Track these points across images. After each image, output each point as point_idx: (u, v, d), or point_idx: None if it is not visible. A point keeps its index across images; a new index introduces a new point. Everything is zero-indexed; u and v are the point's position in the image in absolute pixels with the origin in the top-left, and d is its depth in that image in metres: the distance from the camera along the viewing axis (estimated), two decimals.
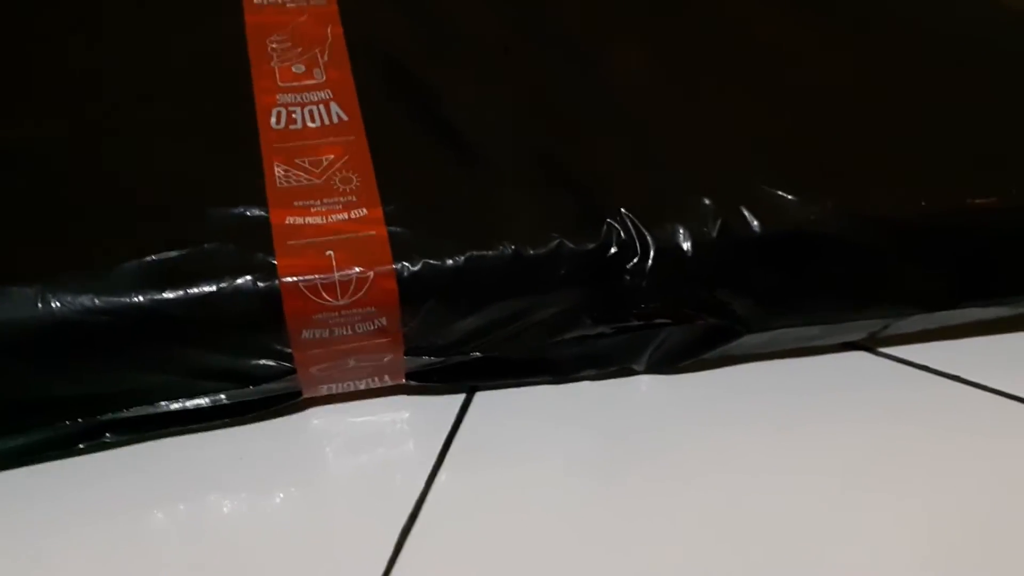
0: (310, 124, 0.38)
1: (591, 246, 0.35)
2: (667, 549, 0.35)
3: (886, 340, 0.42)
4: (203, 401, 0.36)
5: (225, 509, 0.36)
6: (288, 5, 0.43)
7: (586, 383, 0.41)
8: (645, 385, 0.41)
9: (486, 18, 0.43)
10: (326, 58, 0.41)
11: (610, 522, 0.36)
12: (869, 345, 0.42)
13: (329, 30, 0.43)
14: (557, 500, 0.37)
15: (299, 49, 0.41)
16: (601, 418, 0.40)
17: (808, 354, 0.42)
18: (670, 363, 0.40)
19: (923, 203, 0.37)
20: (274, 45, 0.41)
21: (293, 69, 0.40)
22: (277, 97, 0.39)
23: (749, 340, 0.39)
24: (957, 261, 0.38)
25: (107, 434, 0.36)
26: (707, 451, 0.39)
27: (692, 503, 0.37)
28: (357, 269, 0.34)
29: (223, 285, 0.33)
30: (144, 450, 0.37)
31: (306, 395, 0.38)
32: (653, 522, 0.36)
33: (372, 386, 0.38)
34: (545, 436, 0.39)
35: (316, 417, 0.39)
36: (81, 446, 0.36)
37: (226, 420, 0.38)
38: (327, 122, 0.38)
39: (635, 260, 0.35)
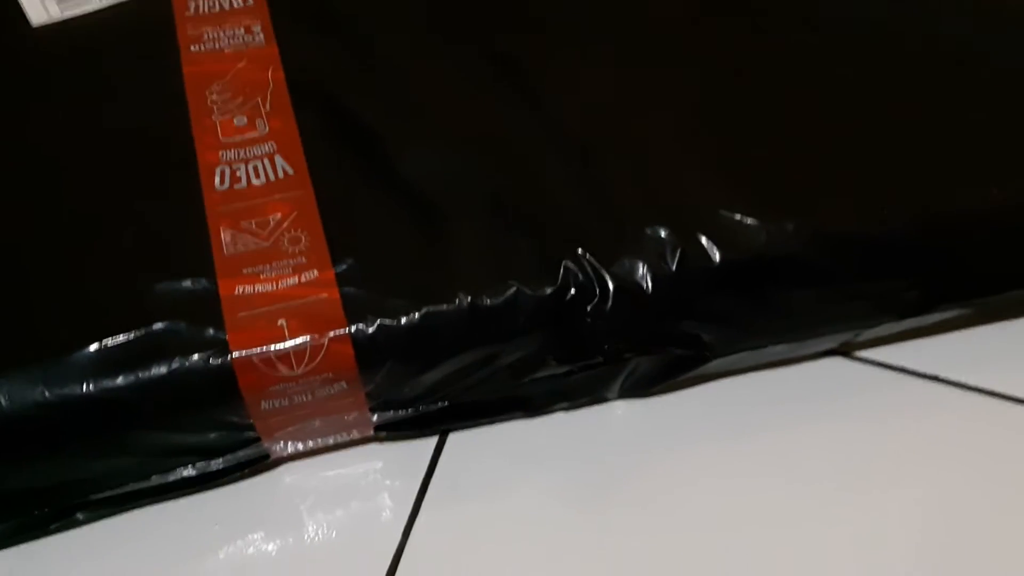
0: (255, 181, 0.37)
1: (549, 291, 0.34)
2: (655, 571, 0.35)
3: (860, 344, 0.42)
4: (170, 476, 0.35)
5: None
6: (226, 51, 0.42)
7: (560, 414, 0.40)
8: (620, 410, 0.41)
9: (431, 59, 0.41)
10: (268, 107, 0.40)
11: (596, 549, 0.36)
12: (845, 350, 0.42)
13: (270, 74, 0.41)
14: (540, 532, 0.37)
15: (240, 99, 0.40)
16: (578, 446, 0.39)
17: (784, 364, 0.42)
18: (642, 390, 0.40)
19: (885, 216, 0.36)
20: (214, 96, 0.40)
21: (235, 122, 0.39)
22: (220, 154, 0.38)
23: (719, 361, 0.38)
24: (924, 271, 0.37)
25: (78, 514, 0.36)
26: (688, 470, 0.38)
27: (677, 523, 0.37)
28: (310, 336, 0.33)
29: (175, 366, 0.32)
30: (117, 524, 0.37)
31: (274, 457, 0.37)
32: (639, 545, 0.36)
33: (341, 441, 0.38)
34: (523, 469, 0.39)
35: (288, 474, 0.39)
36: (53, 526, 0.36)
37: (197, 488, 0.37)
38: (272, 178, 0.37)
39: (595, 301, 0.35)
